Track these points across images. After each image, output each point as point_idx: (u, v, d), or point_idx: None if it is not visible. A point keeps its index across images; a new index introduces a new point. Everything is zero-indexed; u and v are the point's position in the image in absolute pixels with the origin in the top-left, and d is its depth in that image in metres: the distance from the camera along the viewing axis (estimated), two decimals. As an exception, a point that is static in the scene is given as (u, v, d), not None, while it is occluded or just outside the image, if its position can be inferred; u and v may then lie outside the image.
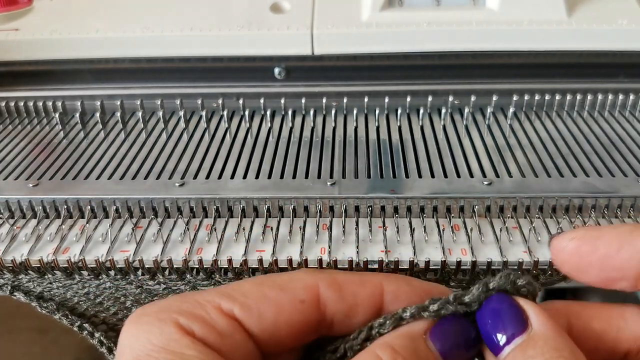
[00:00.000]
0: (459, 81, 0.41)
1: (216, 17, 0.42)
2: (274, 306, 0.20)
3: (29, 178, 0.32)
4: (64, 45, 0.41)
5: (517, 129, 0.37)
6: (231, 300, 0.20)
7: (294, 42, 0.40)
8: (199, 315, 0.19)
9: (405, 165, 0.32)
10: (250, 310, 0.20)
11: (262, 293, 0.20)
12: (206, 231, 0.28)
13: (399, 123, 0.38)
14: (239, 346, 0.20)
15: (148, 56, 0.41)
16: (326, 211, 0.29)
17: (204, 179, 0.31)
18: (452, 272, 0.26)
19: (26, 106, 0.41)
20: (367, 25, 0.40)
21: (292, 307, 0.20)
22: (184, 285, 0.27)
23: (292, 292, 0.21)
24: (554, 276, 0.26)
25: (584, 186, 0.29)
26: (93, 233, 0.28)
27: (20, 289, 0.28)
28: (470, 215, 0.29)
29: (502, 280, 0.18)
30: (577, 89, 0.40)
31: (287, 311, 0.20)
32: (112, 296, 0.28)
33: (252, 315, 0.20)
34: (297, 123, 0.39)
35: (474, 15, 0.40)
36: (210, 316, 0.20)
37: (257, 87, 0.42)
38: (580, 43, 0.39)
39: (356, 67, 0.42)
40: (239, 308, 0.20)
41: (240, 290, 0.21)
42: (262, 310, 0.20)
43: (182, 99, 0.41)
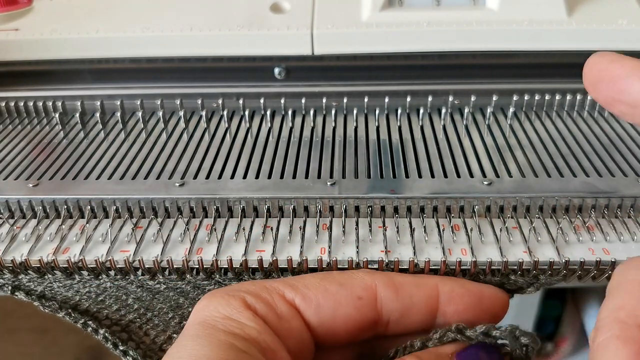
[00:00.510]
0: (459, 81, 0.41)
1: (216, 17, 0.42)
2: (332, 300, 0.22)
3: (29, 178, 0.32)
4: (64, 45, 0.41)
5: (517, 129, 0.37)
6: (294, 290, 0.22)
7: (294, 42, 0.40)
8: (263, 297, 0.22)
9: (405, 165, 0.32)
10: (310, 301, 0.22)
11: (323, 287, 0.22)
12: (206, 231, 0.28)
13: (399, 123, 0.38)
14: (295, 331, 0.21)
15: (148, 56, 0.41)
16: (326, 211, 0.29)
17: (204, 179, 0.31)
18: (452, 272, 0.26)
19: (26, 106, 0.41)
20: (367, 25, 0.40)
21: (349, 302, 0.22)
22: (184, 285, 0.27)
23: (351, 288, 0.22)
24: (554, 276, 0.26)
25: (584, 186, 0.29)
26: (93, 233, 0.28)
27: (21, 289, 0.28)
28: (470, 215, 0.29)
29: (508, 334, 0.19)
30: (577, 89, 0.40)
31: (344, 305, 0.22)
32: (113, 295, 0.28)
33: (311, 305, 0.22)
34: (297, 123, 0.39)
35: (474, 15, 0.40)
36: (273, 300, 0.22)
37: (257, 87, 0.42)
38: (580, 43, 0.39)
39: (356, 67, 0.42)
40: (300, 298, 0.22)
41: (303, 282, 0.23)
42: (321, 302, 0.22)
43: (182, 99, 0.41)
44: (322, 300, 0.22)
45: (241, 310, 0.21)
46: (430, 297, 0.23)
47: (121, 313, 0.29)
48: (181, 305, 0.28)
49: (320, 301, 0.22)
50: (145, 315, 0.29)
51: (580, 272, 0.26)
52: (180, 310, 0.28)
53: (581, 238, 0.27)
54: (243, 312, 0.21)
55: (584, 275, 0.26)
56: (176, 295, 0.28)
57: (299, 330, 0.22)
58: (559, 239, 0.27)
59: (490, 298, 0.23)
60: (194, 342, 0.20)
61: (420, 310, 0.23)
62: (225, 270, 0.27)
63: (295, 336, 0.21)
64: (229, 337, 0.20)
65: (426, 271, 0.26)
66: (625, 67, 0.21)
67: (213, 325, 0.21)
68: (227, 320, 0.21)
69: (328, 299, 0.22)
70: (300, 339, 0.22)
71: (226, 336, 0.20)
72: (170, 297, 0.28)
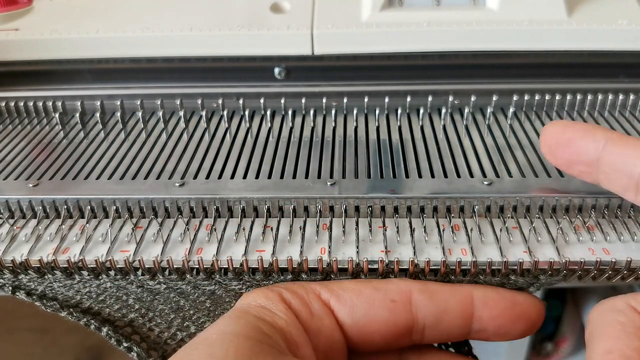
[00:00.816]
0: (459, 81, 0.41)
1: (216, 17, 0.42)
2: (366, 301, 0.23)
3: (29, 178, 0.32)
4: (64, 45, 0.41)
5: (517, 129, 0.37)
6: (330, 291, 0.24)
7: (294, 42, 0.40)
8: (299, 294, 0.23)
9: (405, 165, 0.32)
10: (345, 302, 0.23)
11: (358, 289, 0.23)
12: (206, 231, 0.28)
13: (399, 123, 0.38)
14: (326, 330, 0.23)
15: (148, 56, 0.41)
16: (326, 211, 0.29)
17: (204, 179, 0.31)
18: (452, 272, 0.26)
19: (26, 106, 0.41)
20: (367, 25, 0.40)
21: (383, 305, 0.23)
22: (184, 285, 0.27)
23: (385, 291, 0.23)
24: (554, 276, 0.26)
25: (584, 186, 0.29)
26: (93, 233, 0.28)
27: (21, 289, 0.28)
28: (470, 215, 0.29)
29: None
30: (577, 89, 0.40)
31: (378, 307, 0.23)
32: (114, 295, 0.28)
33: (345, 306, 0.23)
34: (297, 123, 0.39)
35: (474, 15, 0.40)
36: (309, 297, 0.23)
37: (257, 87, 0.42)
38: (580, 43, 0.39)
39: (356, 67, 0.42)
40: (335, 299, 0.23)
41: (339, 285, 0.24)
42: (355, 303, 0.23)
43: (182, 99, 0.41)
44: (356, 301, 0.23)
45: (276, 302, 0.23)
46: (464, 302, 0.23)
47: (123, 312, 0.29)
48: (182, 307, 0.28)
49: (355, 302, 0.23)
50: (147, 315, 0.29)
51: (580, 272, 0.26)
52: (181, 312, 0.28)
53: (581, 238, 0.27)
54: (277, 304, 0.23)
55: (584, 275, 0.26)
56: (177, 296, 0.28)
57: (330, 329, 0.23)
58: (559, 239, 0.27)
59: (524, 304, 0.24)
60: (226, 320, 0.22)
61: (455, 315, 0.23)
62: (225, 270, 0.27)
63: (325, 334, 0.23)
64: (258, 321, 0.22)
65: (426, 271, 0.26)
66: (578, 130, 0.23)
67: (247, 311, 0.22)
68: (260, 309, 0.23)
69: (362, 301, 0.23)
70: (330, 337, 0.23)
71: (256, 320, 0.22)
72: (171, 299, 0.28)
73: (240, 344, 0.20)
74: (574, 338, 0.87)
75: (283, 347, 0.21)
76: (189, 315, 0.28)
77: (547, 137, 0.25)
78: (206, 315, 0.28)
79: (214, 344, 0.20)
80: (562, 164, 0.25)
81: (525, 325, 0.24)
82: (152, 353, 0.29)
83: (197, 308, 0.28)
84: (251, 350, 0.20)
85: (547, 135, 0.25)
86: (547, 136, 0.25)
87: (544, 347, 0.88)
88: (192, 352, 0.20)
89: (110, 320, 0.29)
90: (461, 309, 0.23)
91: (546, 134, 0.25)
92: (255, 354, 0.20)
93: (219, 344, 0.20)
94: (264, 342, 0.20)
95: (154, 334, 0.29)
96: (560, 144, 0.24)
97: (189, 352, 0.20)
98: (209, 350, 0.20)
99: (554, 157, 0.25)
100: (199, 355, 0.20)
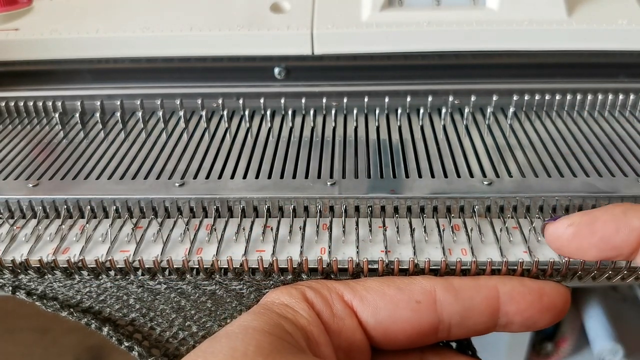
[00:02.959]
0: (459, 81, 0.41)
1: (216, 17, 0.42)
2: (390, 303, 0.23)
3: (29, 178, 0.32)
4: (64, 45, 0.41)
5: (517, 129, 0.37)
6: (353, 292, 0.23)
7: (294, 42, 0.40)
8: (323, 294, 0.23)
9: (405, 165, 0.32)
10: (368, 303, 0.23)
11: (381, 290, 0.23)
12: (206, 231, 0.28)
13: (399, 123, 0.38)
14: (347, 330, 0.23)
15: (148, 56, 0.41)
16: (326, 211, 0.29)
17: (204, 179, 0.31)
18: (452, 272, 0.26)
19: (26, 106, 0.41)
20: (367, 25, 0.40)
21: (407, 306, 0.23)
22: (185, 285, 0.27)
23: (409, 292, 0.23)
24: (553, 276, 0.26)
25: (584, 186, 0.29)
26: (93, 233, 0.28)
27: (21, 289, 0.28)
28: (470, 215, 0.29)
29: None
30: (577, 89, 0.40)
31: (402, 308, 0.23)
32: (114, 295, 0.28)
33: (368, 307, 0.23)
34: (297, 123, 0.39)
35: (474, 15, 0.40)
36: (332, 297, 0.23)
37: (257, 87, 0.42)
38: (580, 43, 0.39)
39: (356, 67, 0.42)
40: (359, 300, 0.23)
41: (363, 285, 0.24)
42: (379, 304, 0.23)
43: (182, 99, 0.41)
44: (379, 302, 0.23)
45: (299, 301, 0.23)
46: (490, 297, 0.23)
47: (124, 312, 0.29)
48: (183, 307, 0.28)
49: (378, 303, 0.23)
50: (148, 315, 0.29)
51: (581, 272, 0.26)
52: (182, 312, 0.28)
53: (581, 238, 0.27)
54: (300, 303, 0.23)
55: (584, 276, 0.26)
56: (177, 296, 0.28)
57: (352, 330, 0.23)
58: (559, 239, 0.27)
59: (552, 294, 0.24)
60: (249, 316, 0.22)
61: (481, 311, 0.23)
62: (225, 270, 0.27)
63: (347, 335, 0.23)
64: (280, 319, 0.22)
65: (426, 271, 0.26)
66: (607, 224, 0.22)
67: (270, 308, 0.23)
68: (283, 306, 0.23)
69: (385, 302, 0.23)
70: (352, 338, 0.23)
71: (278, 317, 0.22)
72: (172, 299, 0.28)
73: (261, 339, 0.20)
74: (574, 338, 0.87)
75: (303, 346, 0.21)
76: (190, 315, 0.28)
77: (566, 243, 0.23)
78: (207, 316, 0.28)
79: (237, 338, 0.20)
80: (596, 258, 0.24)
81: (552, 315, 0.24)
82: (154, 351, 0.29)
83: (198, 308, 0.28)
84: (272, 345, 0.20)
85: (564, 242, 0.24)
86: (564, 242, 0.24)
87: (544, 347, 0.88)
88: (215, 344, 0.20)
89: (111, 320, 0.29)
90: (487, 304, 0.23)
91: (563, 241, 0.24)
92: (276, 350, 0.20)
93: (241, 338, 0.20)
94: (285, 339, 0.21)
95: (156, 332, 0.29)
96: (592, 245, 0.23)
97: (212, 344, 0.21)
98: (231, 344, 0.20)
99: (585, 256, 0.23)
100: (221, 347, 0.20)
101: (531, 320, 0.23)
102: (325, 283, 0.24)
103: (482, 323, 0.23)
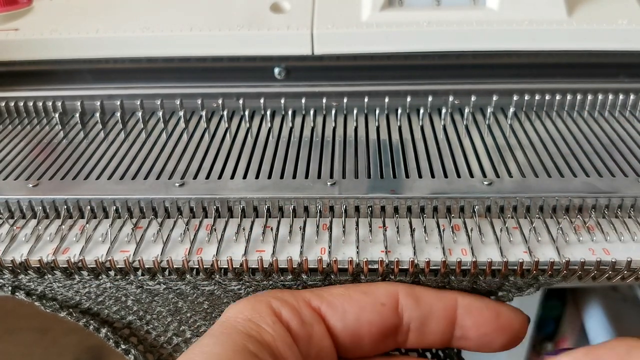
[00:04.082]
0: (459, 81, 0.41)
1: (216, 17, 0.42)
2: (357, 306, 0.23)
3: (29, 178, 0.32)
4: (64, 45, 0.41)
5: (517, 129, 0.37)
6: (320, 298, 0.24)
7: (294, 42, 0.40)
8: (290, 303, 0.23)
9: (405, 165, 0.32)
10: (336, 308, 0.23)
11: (348, 295, 0.24)
12: (206, 231, 0.28)
13: (399, 123, 0.38)
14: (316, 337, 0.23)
15: (148, 56, 0.41)
16: (326, 211, 0.29)
17: (204, 179, 0.31)
18: (452, 272, 0.26)
19: (26, 106, 0.41)
20: (367, 25, 0.40)
21: (373, 309, 0.23)
22: (184, 285, 0.27)
23: (375, 296, 0.24)
24: (553, 276, 0.26)
25: (584, 186, 0.29)
26: (93, 233, 0.28)
27: (21, 289, 0.28)
28: (470, 215, 0.29)
29: None
30: (577, 89, 0.40)
31: (368, 311, 0.23)
32: (113, 296, 0.28)
33: (336, 312, 0.23)
34: (297, 123, 0.39)
35: (474, 15, 0.40)
36: (299, 305, 0.23)
37: (257, 87, 0.42)
38: (580, 43, 0.39)
39: (356, 67, 0.42)
40: (326, 305, 0.23)
41: (329, 291, 0.24)
42: (346, 308, 0.23)
43: (182, 99, 0.41)
44: (347, 306, 0.23)
45: (264, 315, 0.22)
46: (449, 307, 0.24)
47: (121, 314, 0.29)
48: (180, 309, 0.28)
49: (345, 307, 0.23)
50: (145, 318, 0.29)
51: (581, 272, 0.26)
52: (178, 315, 0.28)
53: (581, 238, 0.27)
54: (265, 317, 0.22)
55: (584, 276, 0.26)
56: (175, 297, 0.28)
57: (320, 336, 0.23)
58: (559, 239, 0.27)
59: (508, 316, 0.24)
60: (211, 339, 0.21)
61: (439, 319, 0.24)
62: (225, 271, 0.27)
63: (316, 341, 0.23)
64: (244, 339, 0.21)
65: (426, 271, 0.26)
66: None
67: (234, 326, 0.22)
68: (247, 323, 0.22)
69: (352, 306, 0.23)
70: (321, 345, 0.23)
71: (242, 338, 0.21)
72: (170, 300, 0.28)
73: None
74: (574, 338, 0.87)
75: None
76: (186, 319, 0.28)
77: None
78: (203, 319, 0.28)
79: None
80: None
81: (508, 336, 0.24)
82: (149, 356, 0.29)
83: (194, 310, 0.28)
84: None
85: None
86: None
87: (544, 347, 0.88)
88: None
89: (109, 322, 0.29)
90: (445, 314, 0.24)
91: None
92: None
93: None
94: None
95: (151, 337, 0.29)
96: None
97: None
98: None
99: None
100: None
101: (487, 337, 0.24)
102: (290, 292, 0.24)
103: (439, 332, 0.24)
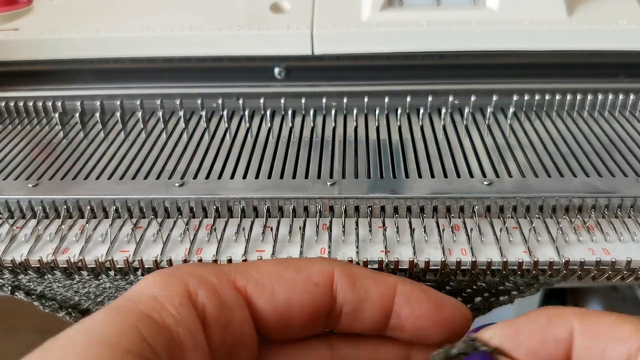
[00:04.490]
0: (459, 81, 0.41)
1: (216, 17, 0.42)
2: (287, 285, 0.21)
3: (29, 178, 0.32)
4: (64, 45, 0.41)
5: (517, 129, 0.37)
6: (247, 276, 0.21)
7: (294, 42, 0.40)
8: (209, 282, 0.20)
9: (405, 165, 0.32)
10: (264, 287, 0.21)
11: (278, 272, 0.21)
12: (206, 231, 0.28)
13: (399, 123, 0.38)
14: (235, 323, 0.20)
15: (148, 56, 0.41)
16: (326, 211, 0.29)
17: (203, 179, 0.31)
18: (452, 272, 0.26)
19: (26, 106, 0.41)
20: (367, 25, 0.40)
21: (305, 289, 0.21)
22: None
23: (307, 274, 0.21)
24: (553, 276, 0.26)
25: (584, 186, 0.29)
26: (93, 233, 0.28)
27: (21, 289, 0.28)
28: (470, 215, 0.29)
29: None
30: (577, 89, 0.40)
31: (299, 291, 0.21)
32: (112, 296, 0.28)
33: (264, 292, 0.21)
34: (297, 123, 0.39)
35: (474, 15, 0.40)
36: (221, 286, 0.20)
37: (257, 87, 0.42)
38: (580, 43, 0.39)
39: (356, 67, 0.42)
40: (253, 284, 0.21)
41: (257, 268, 0.21)
42: (275, 288, 0.21)
43: (182, 99, 0.41)
44: (276, 285, 0.21)
45: (173, 294, 0.20)
46: (386, 294, 0.21)
47: None
48: None
49: (275, 287, 0.21)
50: None
51: (580, 272, 0.26)
52: None
53: (581, 238, 0.27)
54: (173, 297, 0.20)
55: (584, 276, 0.26)
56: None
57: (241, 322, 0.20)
58: (559, 239, 0.27)
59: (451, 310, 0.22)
60: (103, 315, 0.19)
61: (374, 306, 0.21)
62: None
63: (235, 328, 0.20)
64: (139, 319, 0.18)
65: (426, 271, 0.26)
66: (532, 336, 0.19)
67: (135, 303, 0.19)
68: (151, 301, 0.19)
69: (282, 285, 0.21)
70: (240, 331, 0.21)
71: (136, 317, 0.19)
72: None
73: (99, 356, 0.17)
74: (574, 338, 0.87)
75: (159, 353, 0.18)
76: None
77: None
78: None
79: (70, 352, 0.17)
80: None
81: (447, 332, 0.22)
82: None
83: None
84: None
85: None
86: None
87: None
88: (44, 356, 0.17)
89: None
90: (381, 301, 0.21)
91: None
92: None
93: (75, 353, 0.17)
94: (132, 351, 0.17)
95: None
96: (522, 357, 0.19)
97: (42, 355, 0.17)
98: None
99: None
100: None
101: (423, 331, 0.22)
102: (214, 268, 0.21)
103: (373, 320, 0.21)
